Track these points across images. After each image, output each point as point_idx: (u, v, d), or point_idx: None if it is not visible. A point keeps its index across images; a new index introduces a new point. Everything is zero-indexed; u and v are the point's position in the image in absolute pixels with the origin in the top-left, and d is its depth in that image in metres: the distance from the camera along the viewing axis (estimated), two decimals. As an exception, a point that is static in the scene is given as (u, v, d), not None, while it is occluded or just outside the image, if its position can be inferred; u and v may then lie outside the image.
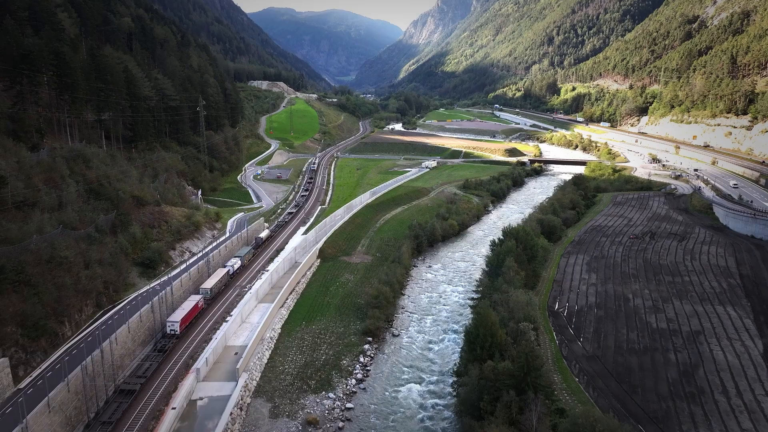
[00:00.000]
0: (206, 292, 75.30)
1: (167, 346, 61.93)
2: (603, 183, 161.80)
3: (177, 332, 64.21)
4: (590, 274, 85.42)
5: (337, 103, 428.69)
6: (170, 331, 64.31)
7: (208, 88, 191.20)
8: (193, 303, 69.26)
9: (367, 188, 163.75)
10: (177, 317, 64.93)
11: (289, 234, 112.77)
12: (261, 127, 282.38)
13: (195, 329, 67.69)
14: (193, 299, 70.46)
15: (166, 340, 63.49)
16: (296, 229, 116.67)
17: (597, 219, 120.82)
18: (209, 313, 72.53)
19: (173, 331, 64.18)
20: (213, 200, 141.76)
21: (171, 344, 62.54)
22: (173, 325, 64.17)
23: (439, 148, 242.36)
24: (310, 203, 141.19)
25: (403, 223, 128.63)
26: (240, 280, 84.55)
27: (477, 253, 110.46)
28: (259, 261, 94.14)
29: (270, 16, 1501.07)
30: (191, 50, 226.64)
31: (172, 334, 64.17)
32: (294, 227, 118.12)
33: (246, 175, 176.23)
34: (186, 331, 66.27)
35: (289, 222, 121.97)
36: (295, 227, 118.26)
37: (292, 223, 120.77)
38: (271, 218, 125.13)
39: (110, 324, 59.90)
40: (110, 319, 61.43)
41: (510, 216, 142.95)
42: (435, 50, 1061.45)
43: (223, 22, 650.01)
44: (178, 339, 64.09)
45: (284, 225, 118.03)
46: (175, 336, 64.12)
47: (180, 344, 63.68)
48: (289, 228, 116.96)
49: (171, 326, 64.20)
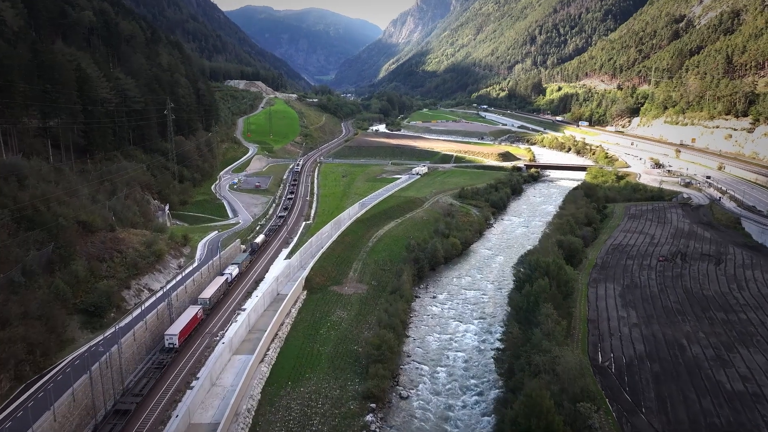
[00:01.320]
0: (205, 302, 72.73)
1: (165, 361, 58.95)
2: (610, 192, 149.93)
3: (176, 345, 61.78)
4: (628, 311, 72.41)
5: (318, 104, 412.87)
6: (169, 344, 61.80)
7: (179, 89, 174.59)
8: (192, 314, 66.99)
9: (355, 198, 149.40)
10: (175, 330, 62.64)
11: (270, 258, 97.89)
12: (238, 130, 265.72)
13: (195, 341, 65.21)
14: (191, 310, 68.20)
15: (165, 355, 60.51)
16: (278, 252, 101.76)
17: (615, 236, 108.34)
18: (208, 325, 69.73)
19: (172, 345, 61.72)
20: (183, 215, 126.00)
21: (170, 359, 59.59)
22: (172, 339, 61.73)
23: (429, 152, 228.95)
24: (293, 218, 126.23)
25: (398, 240, 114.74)
26: (235, 294, 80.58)
27: (486, 278, 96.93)
28: (250, 275, 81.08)
29: (247, 14, 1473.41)
30: (161, 48, 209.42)
31: (171, 348, 61.54)
32: (275, 249, 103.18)
33: (221, 184, 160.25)
34: (185, 344, 63.83)
35: (270, 242, 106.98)
36: (276, 249, 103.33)
37: (274, 244, 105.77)
38: (248, 238, 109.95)
39: (34, 405, 44.86)
40: (33, 399, 46.25)
41: (514, 230, 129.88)
42: (415, 49, 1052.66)
43: (199, 20, 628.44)
44: (177, 353, 61.35)
45: (264, 246, 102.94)
46: (174, 350, 61.54)
47: (179, 358, 60.74)
48: (270, 250, 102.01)
49: (170, 340, 61.75)
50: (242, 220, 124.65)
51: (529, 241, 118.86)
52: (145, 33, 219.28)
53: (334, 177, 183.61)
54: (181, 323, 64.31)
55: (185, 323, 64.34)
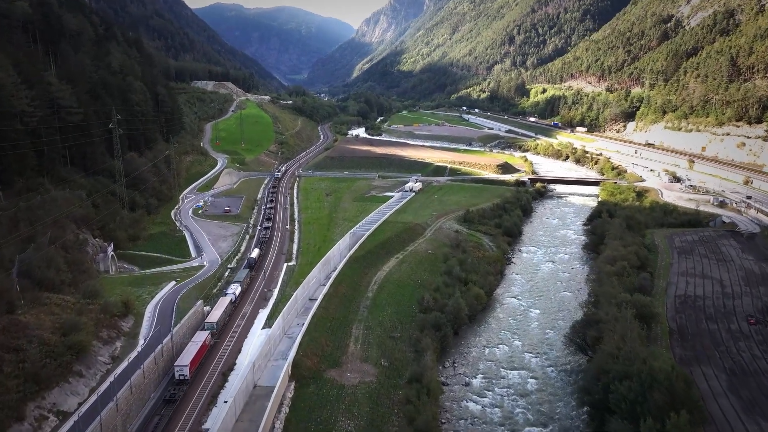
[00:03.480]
0: (212, 326, 68.44)
1: (177, 395, 54.46)
2: (637, 214, 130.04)
3: (187, 377, 57.38)
4: (756, 420, 51.23)
5: (292, 106, 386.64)
6: (179, 376, 57.24)
7: (133, 95, 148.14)
8: (201, 341, 63.33)
9: (344, 226, 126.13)
10: (185, 360, 58.14)
11: (245, 326, 73.89)
12: (206, 137, 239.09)
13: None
14: (200, 336, 64.60)
15: (176, 388, 55.79)
16: (254, 315, 77.77)
17: (674, 281, 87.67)
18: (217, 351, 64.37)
19: (183, 377, 57.25)
20: (133, 256, 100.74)
21: (182, 392, 55.15)
22: (182, 370, 57.27)
23: (419, 164, 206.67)
24: (272, 258, 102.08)
25: (404, 287, 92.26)
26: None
27: (526, 346, 74.65)
28: (218, 355, 58.12)
29: (217, 12, 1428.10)
30: (113, 46, 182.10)
31: (182, 380, 57.06)
32: (251, 311, 79.15)
33: (183, 208, 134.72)
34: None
35: (245, 297, 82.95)
36: (252, 310, 79.32)
37: (248, 303, 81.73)
38: (216, 290, 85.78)
39: None
40: None
41: (540, 267, 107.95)
42: (389, 49, 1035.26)
43: (165, 17, 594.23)
44: (189, 385, 56.45)
45: (235, 307, 78.85)
46: (186, 382, 57.07)
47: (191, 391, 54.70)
48: (244, 314, 77.97)
49: (180, 371, 57.22)
50: (208, 261, 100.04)
51: (563, 285, 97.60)
52: (97, 29, 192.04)
53: (317, 196, 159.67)
54: (190, 352, 59.87)
55: (195, 352, 60.19)
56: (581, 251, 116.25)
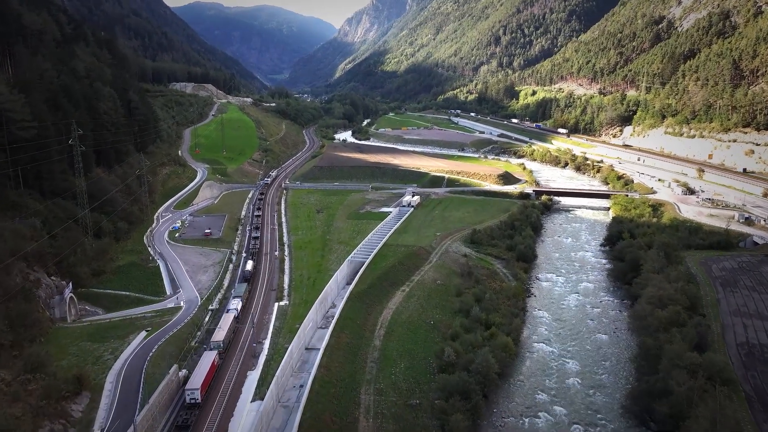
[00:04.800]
0: (219, 345, 66.18)
1: (190, 420, 51.82)
2: (658, 232, 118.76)
3: (198, 400, 54.46)
4: None
5: (275, 109, 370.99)
6: (191, 400, 54.23)
7: (101, 102, 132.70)
8: (210, 361, 60.49)
9: (339, 250, 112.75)
10: (197, 383, 55.46)
11: (231, 399, 59.86)
12: (184, 145, 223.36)
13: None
14: (208, 356, 61.63)
15: (188, 412, 52.92)
16: (242, 381, 63.75)
17: (729, 323, 75.79)
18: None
19: (194, 400, 54.21)
20: (97, 296, 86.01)
21: (194, 417, 52.50)
22: (194, 393, 54.44)
23: (415, 173, 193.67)
24: (260, 297, 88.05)
25: (416, 330, 79.51)
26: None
27: (573, 414, 61.61)
28: None
29: (196, 11, 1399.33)
30: (80, 47, 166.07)
31: (193, 404, 54.08)
32: (237, 374, 65.11)
33: (158, 231, 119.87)
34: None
35: (229, 356, 68.93)
36: (239, 374, 65.27)
37: (233, 363, 67.58)
38: (196, 342, 71.72)
39: None
40: None
41: (565, 300, 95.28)
42: (372, 49, 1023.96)
43: (143, 15, 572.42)
44: (201, 408, 53.82)
45: (220, 373, 64.88)
46: (197, 405, 54.24)
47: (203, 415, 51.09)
48: (230, 379, 63.92)
49: (191, 394, 54.36)
50: (185, 301, 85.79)
51: (595, 324, 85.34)
52: (63, 28, 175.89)
53: (307, 212, 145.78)
54: (201, 373, 58.06)
55: (205, 373, 58.27)
56: (606, 279, 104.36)
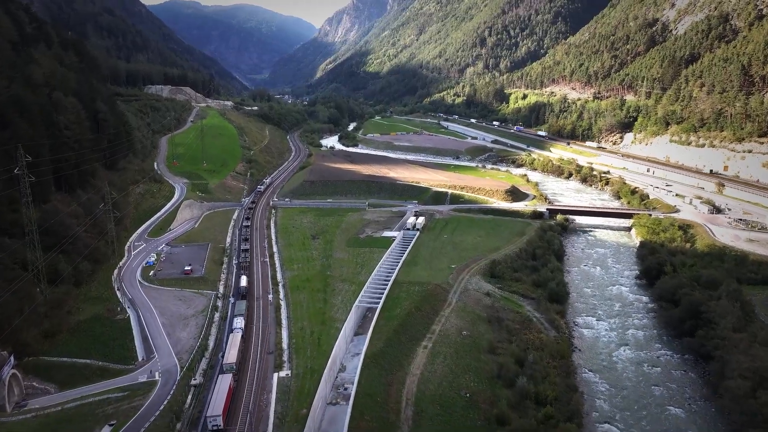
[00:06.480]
0: (232, 367, 64.60)
1: None
2: (700, 262, 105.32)
3: (221, 427, 53.59)
4: None
5: (258, 113, 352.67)
6: (213, 427, 53.18)
7: (61, 116, 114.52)
8: (227, 385, 59.57)
9: (344, 291, 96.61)
10: (218, 409, 54.27)
11: None
12: (161, 155, 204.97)
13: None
14: (224, 380, 60.57)
15: None
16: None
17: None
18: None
19: (216, 427, 53.30)
20: (48, 366, 68.62)
21: None
22: (216, 420, 53.33)
23: (414, 188, 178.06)
24: (255, 364, 71.28)
25: (450, 407, 64.82)
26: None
27: None
28: None
29: (173, 10, 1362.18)
30: (41, 50, 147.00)
31: (216, 430, 53.23)
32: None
33: (129, 268, 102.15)
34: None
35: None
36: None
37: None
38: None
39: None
40: None
41: (616, 355, 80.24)
42: (353, 49, 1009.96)
43: (116, 14, 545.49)
44: None
45: None
46: None
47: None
48: None
49: (213, 422, 53.26)
50: (161, 370, 68.82)
51: (663, 393, 70.69)
52: (22, 28, 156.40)
53: (301, 239, 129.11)
54: (220, 399, 56.07)
55: (224, 399, 56.24)
56: (656, 326, 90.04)
